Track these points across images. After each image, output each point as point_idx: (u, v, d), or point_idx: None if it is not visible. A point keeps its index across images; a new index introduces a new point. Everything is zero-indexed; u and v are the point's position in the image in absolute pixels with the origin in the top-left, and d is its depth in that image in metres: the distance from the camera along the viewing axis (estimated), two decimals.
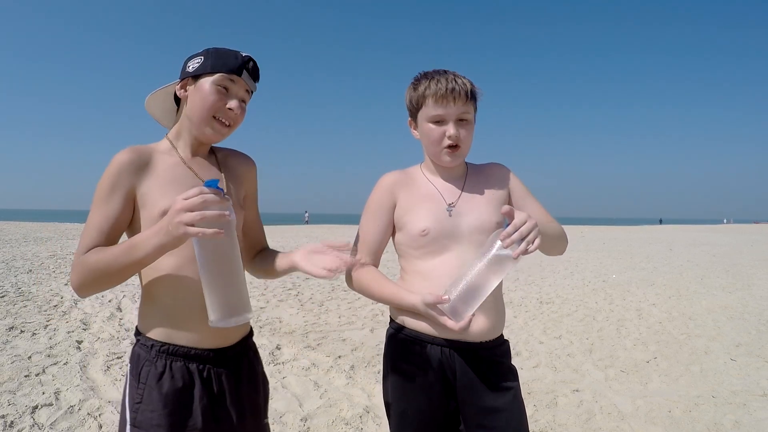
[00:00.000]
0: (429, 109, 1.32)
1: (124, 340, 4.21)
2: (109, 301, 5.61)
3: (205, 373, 1.16)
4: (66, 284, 6.67)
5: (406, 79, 1.43)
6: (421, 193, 1.40)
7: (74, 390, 3.07)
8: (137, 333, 1.20)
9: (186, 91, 1.21)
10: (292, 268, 1.24)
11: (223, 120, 1.19)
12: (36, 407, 2.80)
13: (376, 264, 1.43)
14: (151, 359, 1.14)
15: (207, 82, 1.17)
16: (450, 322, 1.22)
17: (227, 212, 0.98)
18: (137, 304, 5.47)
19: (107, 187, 1.12)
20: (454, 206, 1.36)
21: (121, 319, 4.92)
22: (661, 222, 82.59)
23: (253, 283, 6.64)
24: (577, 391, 3.39)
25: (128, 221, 1.16)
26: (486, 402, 1.31)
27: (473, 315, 1.22)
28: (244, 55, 1.20)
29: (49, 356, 3.68)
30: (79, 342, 4.08)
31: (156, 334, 1.16)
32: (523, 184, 1.47)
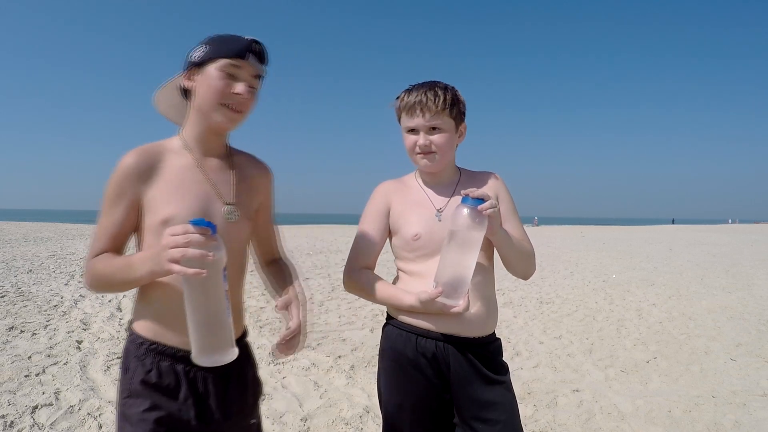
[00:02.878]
0: (404, 120, 1.43)
1: (124, 339, 4.21)
2: (109, 301, 5.62)
3: (191, 374, 1.17)
4: (66, 284, 6.68)
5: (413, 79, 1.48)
6: (412, 200, 1.46)
7: (74, 390, 3.07)
8: (129, 328, 1.22)
9: (192, 81, 1.18)
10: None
11: (233, 106, 1.17)
12: (36, 407, 2.80)
13: (372, 266, 1.49)
14: (139, 356, 1.16)
15: (212, 69, 1.15)
16: (453, 309, 1.26)
17: (210, 253, 0.97)
18: None
19: (113, 193, 1.13)
20: (443, 212, 1.41)
21: (121, 319, 4.92)
22: (673, 222, 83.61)
23: (252, 282, 6.64)
24: (577, 391, 3.39)
25: (134, 226, 1.17)
26: (479, 395, 1.35)
27: (469, 293, 1.27)
28: (248, 38, 1.17)
29: (49, 356, 3.68)
30: (79, 342, 4.08)
31: (146, 332, 1.17)
32: (511, 200, 1.49)
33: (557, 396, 3.29)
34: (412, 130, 1.41)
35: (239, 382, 1.26)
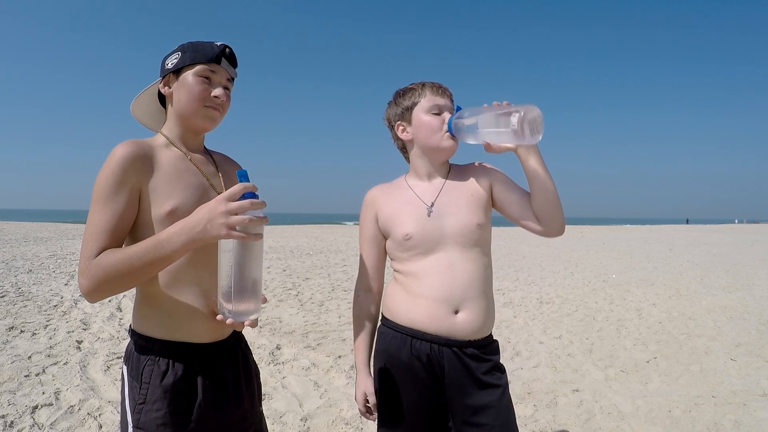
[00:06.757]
0: (428, 101, 1.40)
1: (124, 340, 4.21)
2: (109, 301, 5.62)
3: (206, 368, 1.17)
4: (66, 284, 6.67)
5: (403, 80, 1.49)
6: (401, 200, 1.44)
7: (74, 390, 3.07)
8: (134, 334, 1.19)
9: (170, 87, 1.22)
10: None
11: (212, 107, 1.21)
12: (36, 407, 2.80)
13: (376, 286, 1.49)
14: (153, 358, 1.14)
15: (189, 75, 1.19)
16: None
17: (266, 217, 0.99)
18: None
19: (113, 182, 1.06)
20: (433, 207, 1.39)
21: (121, 319, 4.92)
22: (687, 222, 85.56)
23: None
24: (577, 391, 3.39)
25: (134, 219, 1.11)
26: (474, 399, 1.33)
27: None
28: (219, 44, 1.22)
29: (49, 356, 3.68)
30: (79, 342, 4.08)
31: (157, 333, 1.15)
32: (506, 175, 1.47)
33: (557, 396, 3.29)
34: (437, 112, 1.39)
35: (245, 370, 1.28)
